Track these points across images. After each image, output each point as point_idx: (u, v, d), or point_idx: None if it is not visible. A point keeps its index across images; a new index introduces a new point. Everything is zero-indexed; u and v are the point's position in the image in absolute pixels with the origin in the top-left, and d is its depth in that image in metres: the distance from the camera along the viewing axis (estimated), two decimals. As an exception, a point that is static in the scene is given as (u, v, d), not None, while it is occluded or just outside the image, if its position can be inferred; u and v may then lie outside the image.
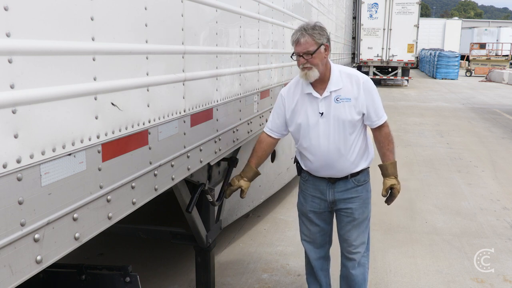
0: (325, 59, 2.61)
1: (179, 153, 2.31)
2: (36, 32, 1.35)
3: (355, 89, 2.62)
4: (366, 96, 2.63)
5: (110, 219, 1.75)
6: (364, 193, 2.79)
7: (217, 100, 2.77)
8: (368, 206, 2.83)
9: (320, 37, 2.54)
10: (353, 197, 2.76)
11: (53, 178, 1.44)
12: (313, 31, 2.54)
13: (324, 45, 2.57)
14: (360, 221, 2.80)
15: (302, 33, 2.54)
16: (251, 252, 4.20)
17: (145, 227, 3.41)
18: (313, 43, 2.53)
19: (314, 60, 2.54)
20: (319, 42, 2.54)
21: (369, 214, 2.86)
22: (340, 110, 2.61)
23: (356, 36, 20.21)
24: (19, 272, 1.32)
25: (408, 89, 21.12)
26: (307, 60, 2.54)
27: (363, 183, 2.78)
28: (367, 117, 2.67)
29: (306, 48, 2.53)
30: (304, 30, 2.55)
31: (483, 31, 41.28)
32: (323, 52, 2.57)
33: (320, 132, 2.65)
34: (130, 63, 1.85)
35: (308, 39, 2.53)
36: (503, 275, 3.80)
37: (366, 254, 2.92)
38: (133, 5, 1.85)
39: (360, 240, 2.84)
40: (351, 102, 2.61)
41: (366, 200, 2.81)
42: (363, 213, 2.80)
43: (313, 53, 2.53)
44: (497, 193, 5.99)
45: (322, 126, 2.64)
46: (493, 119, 12.26)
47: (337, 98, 2.61)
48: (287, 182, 5.62)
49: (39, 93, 1.36)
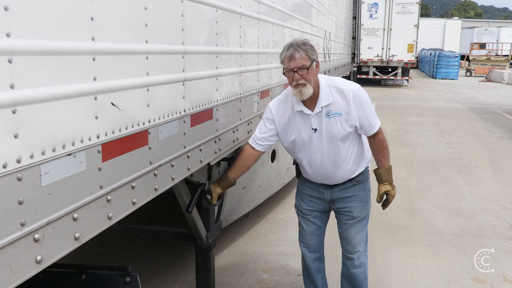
0: (316, 75, 2.59)
1: (179, 153, 2.31)
2: (36, 32, 1.35)
3: (345, 103, 2.57)
4: (357, 109, 2.58)
5: (110, 219, 1.75)
6: (362, 192, 2.81)
7: (217, 100, 2.77)
8: (367, 205, 2.85)
9: (312, 52, 2.55)
10: (351, 196, 2.79)
11: (53, 178, 1.44)
12: (306, 47, 2.52)
13: (316, 62, 2.56)
14: (358, 220, 2.83)
15: (295, 49, 2.49)
16: (251, 252, 4.20)
17: (145, 227, 3.41)
18: (307, 58, 2.51)
19: (308, 76, 2.51)
20: (312, 57, 2.53)
21: (368, 212, 2.87)
22: (331, 125, 2.60)
23: (356, 36, 20.18)
24: (19, 272, 1.32)
25: (408, 89, 21.12)
26: (301, 76, 2.49)
27: (361, 182, 2.81)
28: (360, 128, 2.64)
29: (301, 63, 2.48)
30: (297, 46, 2.51)
31: (483, 31, 41.28)
32: (315, 69, 2.57)
33: (314, 147, 2.67)
34: (130, 63, 1.85)
35: (303, 54, 2.49)
36: (503, 275, 3.80)
37: (365, 252, 2.94)
38: (133, 5, 1.85)
39: (359, 238, 2.86)
40: (342, 116, 2.59)
41: (365, 198, 2.82)
42: (361, 211, 2.81)
43: (308, 68, 2.49)
44: (497, 193, 5.99)
45: (316, 141, 2.65)
46: (493, 119, 12.26)
47: (328, 113, 2.59)
48: (287, 182, 5.62)
49: (39, 93, 1.36)
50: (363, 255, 2.91)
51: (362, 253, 2.90)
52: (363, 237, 2.89)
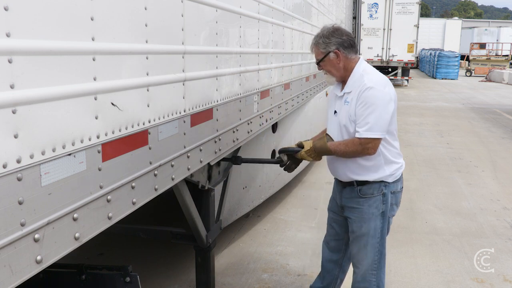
0: (339, 64, 2.60)
1: (179, 153, 2.31)
2: (36, 32, 1.35)
3: (355, 94, 2.53)
4: (359, 103, 2.49)
5: (110, 219, 1.75)
6: (365, 207, 2.61)
7: (217, 100, 2.77)
8: (369, 223, 2.62)
9: (325, 45, 2.59)
10: (354, 208, 2.66)
11: (53, 178, 1.44)
12: (318, 40, 2.62)
13: (334, 52, 2.58)
14: (358, 235, 2.67)
15: (313, 43, 2.66)
16: (251, 252, 4.20)
17: (145, 227, 3.41)
18: (319, 52, 2.64)
19: (326, 67, 2.65)
20: (324, 51, 2.60)
21: (372, 231, 2.63)
22: (344, 111, 2.60)
23: (356, 36, 20.18)
24: (19, 272, 1.32)
25: (408, 89, 21.12)
26: (322, 66, 2.66)
27: (367, 196, 2.61)
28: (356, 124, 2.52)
29: (316, 57, 2.67)
30: (314, 39, 2.66)
31: (483, 31, 41.26)
32: (334, 59, 2.60)
33: (332, 129, 2.70)
34: (130, 63, 1.85)
35: (315, 48, 2.65)
36: (503, 275, 3.80)
37: (375, 273, 2.69)
38: (133, 5, 1.85)
39: (361, 255, 2.68)
40: (349, 105, 2.56)
41: (367, 215, 2.61)
42: (360, 227, 2.64)
43: (320, 62, 2.64)
44: (497, 193, 5.99)
45: (334, 123, 2.69)
46: (493, 119, 12.26)
47: (346, 100, 2.61)
48: (287, 182, 5.62)
49: (39, 93, 1.36)
50: (369, 274, 2.68)
51: (368, 271, 2.68)
52: (367, 256, 2.66)
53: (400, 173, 2.69)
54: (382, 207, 2.62)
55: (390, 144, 2.61)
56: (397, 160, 2.65)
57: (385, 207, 2.62)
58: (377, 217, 2.63)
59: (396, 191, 2.67)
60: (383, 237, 2.67)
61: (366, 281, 2.71)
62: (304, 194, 5.90)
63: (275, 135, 4.79)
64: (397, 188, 2.67)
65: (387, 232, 2.73)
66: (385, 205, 2.62)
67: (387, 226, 2.71)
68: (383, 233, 2.67)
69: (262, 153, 4.43)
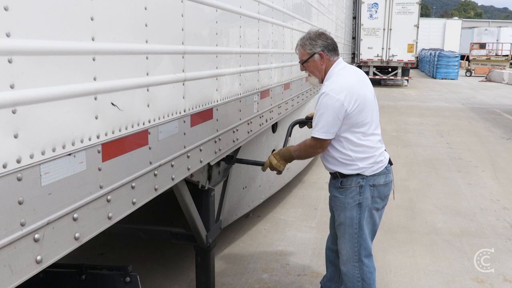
0: (322, 66, 2.74)
1: (179, 153, 2.31)
2: (36, 32, 1.35)
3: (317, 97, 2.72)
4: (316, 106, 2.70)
5: (110, 219, 1.75)
6: (343, 197, 2.73)
7: (217, 100, 2.77)
8: (345, 212, 2.73)
9: (311, 47, 2.71)
10: (335, 196, 2.80)
11: (53, 178, 1.44)
12: (305, 41, 2.74)
13: (319, 53, 2.70)
14: (338, 224, 2.80)
15: (299, 43, 2.77)
16: (251, 252, 4.20)
17: (145, 227, 3.41)
18: (304, 53, 2.76)
19: (309, 68, 2.77)
20: (309, 52, 2.72)
21: (348, 220, 2.73)
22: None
23: (356, 36, 20.20)
24: (19, 272, 1.32)
25: (408, 89, 21.12)
26: (305, 68, 2.79)
27: (346, 187, 2.72)
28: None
29: (300, 58, 2.79)
30: (301, 40, 2.76)
31: (483, 31, 41.27)
32: (319, 60, 2.72)
33: None
34: (130, 63, 1.85)
35: (301, 49, 2.77)
36: (503, 275, 3.80)
37: (357, 265, 2.77)
38: (133, 5, 1.85)
39: (341, 244, 2.80)
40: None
41: (344, 205, 2.73)
42: (339, 216, 2.77)
43: (304, 63, 2.76)
44: (497, 193, 5.99)
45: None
46: (493, 119, 12.26)
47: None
48: (287, 182, 5.62)
49: (39, 93, 1.36)
50: (352, 266, 2.77)
51: (350, 263, 2.77)
52: (346, 245, 2.76)
53: (381, 167, 2.73)
54: (359, 198, 2.70)
55: (354, 144, 2.68)
56: (369, 155, 2.69)
57: (362, 198, 2.70)
58: (353, 207, 2.71)
59: (377, 184, 2.72)
60: (362, 228, 2.73)
61: (349, 274, 2.80)
62: (304, 194, 5.90)
63: (275, 135, 4.79)
64: (379, 181, 2.72)
65: (375, 226, 2.81)
66: (362, 197, 2.70)
67: (373, 220, 2.77)
68: (361, 224, 2.73)
69: (262, 153, 4.43)
